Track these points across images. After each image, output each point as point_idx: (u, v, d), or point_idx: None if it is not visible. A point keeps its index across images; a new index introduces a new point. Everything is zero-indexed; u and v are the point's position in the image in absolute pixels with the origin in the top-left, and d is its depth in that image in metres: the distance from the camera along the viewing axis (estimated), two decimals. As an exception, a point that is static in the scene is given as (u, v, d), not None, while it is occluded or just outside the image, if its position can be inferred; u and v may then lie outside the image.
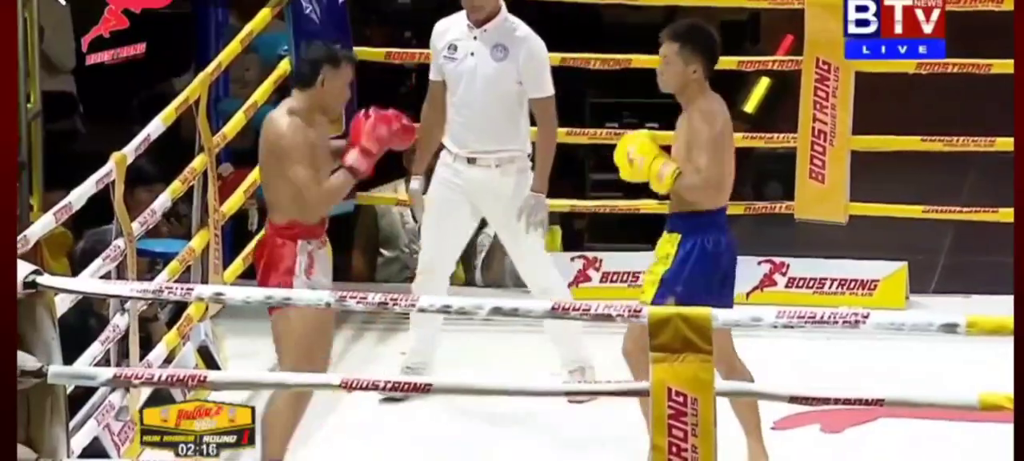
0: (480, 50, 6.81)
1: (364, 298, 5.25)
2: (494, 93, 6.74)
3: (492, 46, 6.80)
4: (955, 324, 5.07)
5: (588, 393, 5.56)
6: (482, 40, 6.82)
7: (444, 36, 6.92)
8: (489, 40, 6.81)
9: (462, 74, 6.84)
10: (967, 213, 8.03)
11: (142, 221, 6.87)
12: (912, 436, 6.64)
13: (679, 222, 6.07)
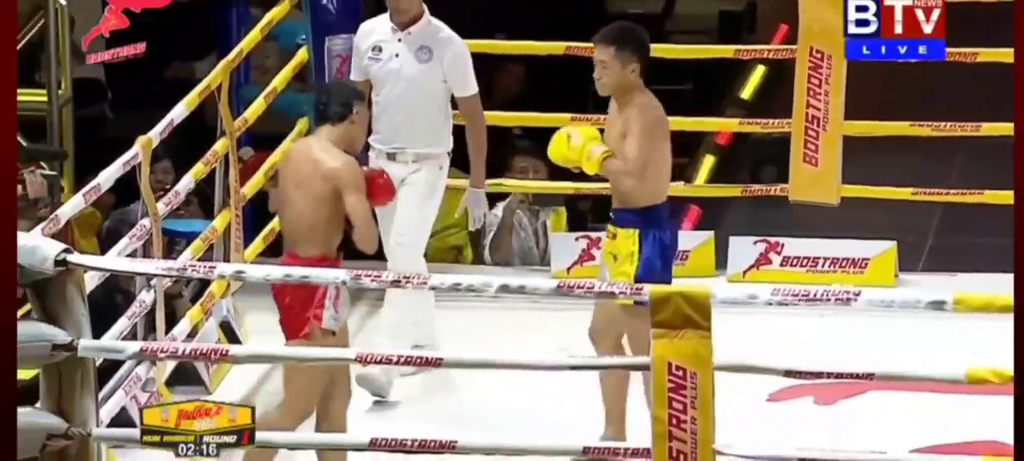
0: (404, 52, 6.81)
1: (378, 276, 5.27)
2: (418, 93, 6.75)
3: (417, 48, 6.81)
4: (942, 301, 5.09)
5: (591, 367, 5.57)
6: (406, 42, 6.81)
7: (369, 37, 6.90)
8: (413, 42, 6.81)
9: (387, 75, 6.84)
10: (954, 195, 8.04)
11: (166, 202, 6.89)
12: (901, 408, 6.65)
13: (632, 217, 6.12)
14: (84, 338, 5.21)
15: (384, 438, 5.23)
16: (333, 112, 5.87)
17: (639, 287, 5.16)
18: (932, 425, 6.52)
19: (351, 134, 5.89)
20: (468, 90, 6.87)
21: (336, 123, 5.86)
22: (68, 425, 5.21)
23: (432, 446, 5.29)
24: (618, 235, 6.14)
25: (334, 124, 5.87)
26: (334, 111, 5.87)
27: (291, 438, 6.01)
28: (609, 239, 6.19)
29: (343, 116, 5.86)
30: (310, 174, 5.81)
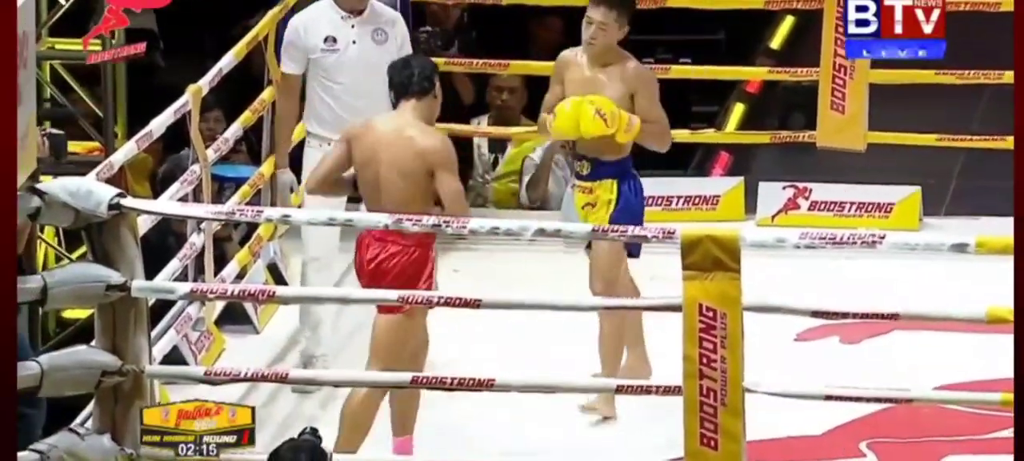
0: (361, 37, 6.61)
1: (420, 220, 5.27)
2: (378, 76, 6.35)
3: (372, 31, 6.62)
4: (965, 244, 5.07)
5: (620, 307, 5.56)
6: (360, 28, 6.62)
7: (315, 28, 6.63)
8: (367, 26, 6.63)
9: (344, 63, 6.60)
10: (977, 141, 7.99)
11: (216, 149, 6.90)
12: (924, 347, 6.64)
13: (610, 168, 6.12)
14: (137, 279, 5.24)
15: (425, 376, 5.24)
16: (418, 87, 5.65)
17: (671, 230, 5.15)
18: (955, 364, 6.51)
19: (433, 109, 5.69)
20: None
21: (421, 97, 5.65)
22: (122, 362, 5.24)
23: (470, 384, 5.31)
24: (595, 187, 6.14)
25: (420, 98, 5.65)
26: (420, 86, 5.65)
27: (338, 376, 6.04)
28: (584, 193, 6.15)
29: (427, 90, 5.66)
30: (407, 156, 5.58)
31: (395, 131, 5.62)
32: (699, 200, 8.00)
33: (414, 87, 5.65)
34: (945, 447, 6.06)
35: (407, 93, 5.65)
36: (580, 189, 6.17)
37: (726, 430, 5.03)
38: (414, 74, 5.66)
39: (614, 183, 6.13)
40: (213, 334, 6.83)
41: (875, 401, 5.66)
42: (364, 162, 5.65)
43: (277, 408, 6.39)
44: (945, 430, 6.14)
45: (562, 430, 6.11)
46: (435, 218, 5.29)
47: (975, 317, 5.14)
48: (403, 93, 5.67)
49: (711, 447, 5.04)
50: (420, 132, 5.59)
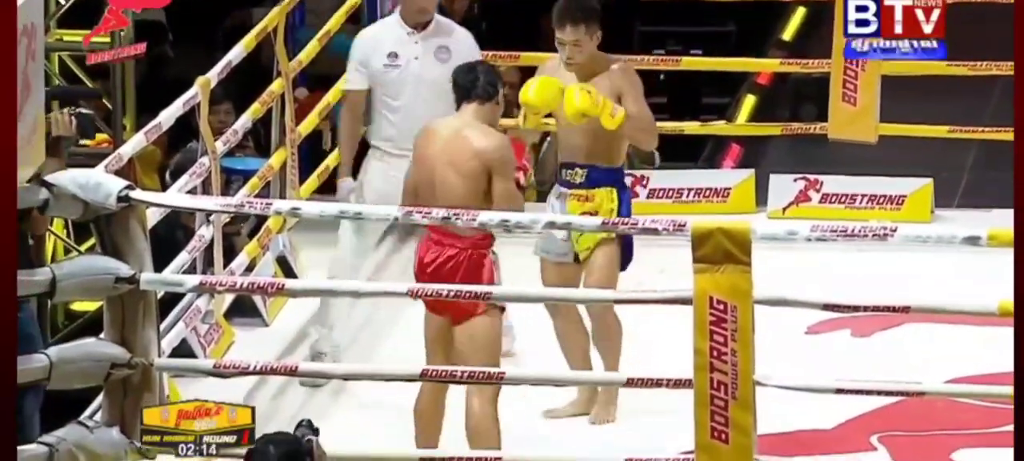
0: (423, 54, 6.54)
1: (429, 212, 5.27)
2: (440, 93, 6.32)
3: (435, 48, 6.55)
4: (977, 237, 5.06)
5: (633, 301, 5.53)
6: (423, 44, 6.56)
7: (378, 45, 6.59)
8: (430, 43, 6.56)
9: (406, 79, 6.55)
10: (989, 133, 7.98)
11: (225, 141, 6.91)
12: (936, 340, 6.63)
13: (609, 176, 6.06)
14: (146, 271, 5.24)
15: (434, 369, 5.24)
16: (483, 91, 5.60)
17: (681, 222, 5.14)
18: (966, 356, 6.50)
19: (496, 114, 5.64)
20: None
21: (484, 102, 5.60)
22: (131, 355, 5.23)
23: (480, 377, 5.31)
24: (594, 195, 6.06)
25: (482, 103, 5.60)
26: (484, 90, 5.60)
27: (347, 369, 6.03)
28: (580, 201, 6.06)
29: (491, 96, 5.61)
30: (466, 155, 5.53)
31: (454, 131, 5.58)
32: (710, 192, 8.00)
33: (478, 91, 5.61)
34: (956, 440, 6.05)
35: (470, 96, 5.62)
36: (574, 198, 6.08)
37: (737, 423, 5.02)
38: (479, 78, 5.62)
39: (614, 191, 6.07)
40: (222, 327, 6.83)
41: (886, 394, 5.65)
42: (421, 160, 5.62)
43: (286, 402, 6.39)
44: (956, 423, 6.14)
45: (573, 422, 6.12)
46: (444, 211, 5.28)
47: (986, 310, 5.13)
48: (466, 96, 5.62)
49: (722, 440, 5.03)
50: (479, 133, 5.55)
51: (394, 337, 6.86)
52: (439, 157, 5.57)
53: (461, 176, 5.53)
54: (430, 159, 5.59)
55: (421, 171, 5.60)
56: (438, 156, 5.57)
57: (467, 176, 5.53)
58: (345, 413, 6.03)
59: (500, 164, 5.53)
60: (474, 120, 5.59)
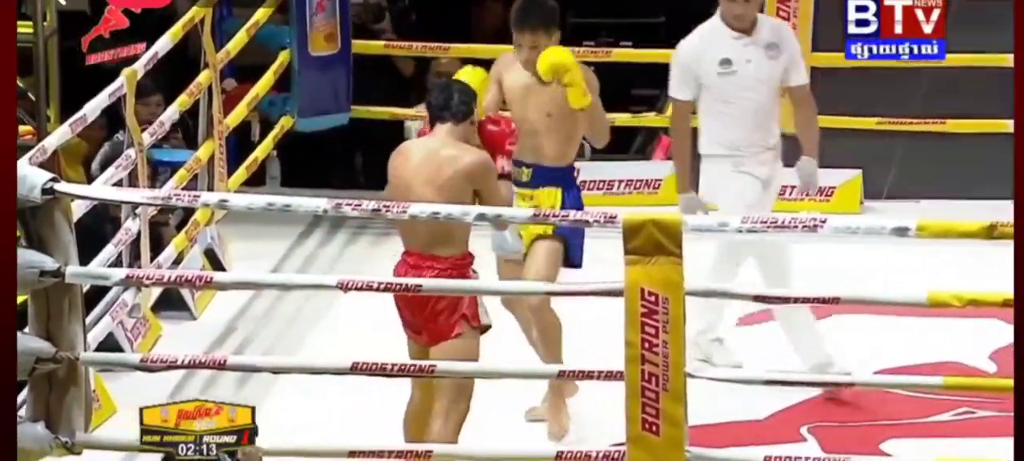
0: (755, 55, 6.39)
1: (359, 205, 5.25)
2: (770, 90, 6.32)
3: (765, 46, 6.39)
4: (906, 228, 5.09)
5: (564, 293, 5.50)
6: (754, 45, 6.40)
7: (708, 54, 6.41)
8: (760, 42, 6.40)
9: (741, 83, 6.39)
10: (917, 124, 8.03)
11: (151, 132, 6.86)
12: (865, 330, 6.67)
13: (555, 176, 5.99)
14: (72, 265, 5.19)
15: (366, 362, 5.23)
16: (458, 110, 5.50)
17: (612, 215, 5.15)
18: (895, 347, 6.54)
19: (469, 133, 5.55)
20: (805, 78, 6.49)
21: (459, 121, 5.51)
22: (56, 349, 5.19)
23: (412, 370, 5.29)
24: (537, 195, 6.00)
25: (457, 123, 5.50)
26: (459, 109, 5.50)
27: (276, 362, 6.00)
28: (525, 200, 5.99)
29: (466, 115, 5.52)
30: (445, 172, 5.42)
31: (430, 151, 5.49)
32: (640, 184, 8.01)
33: (453, 110, 5.52)
34: (886, 431, 6.09)
35: (443, 116, 5.53)
36: (520, 196, 6.02)
37: (668, 415, 5.03)
38: (454, 97, 5.53)
39: (558, 191, 6.02)
40: (149, 321, 6.79)
41: (816, 385, 5.69)
42: (397, 181, 5.52)
43: (215, 396, 6.33)
44: (886, 414, 6.18)
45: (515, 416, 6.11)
46: (374, 203, 5.26)
47: (916, 301, 5.17)
48: (439, 115, 5.53)
49: (653, 432, 5.04)
50: (461, 151, 5.47)
51: (322, 330, 6.83)
52: (415, 177, 5.46)
53: (442, 194, 5.41)
54: (406, 179, 5.48)
55: (396, 192, 5.50)
56: (414, 176, 5.46)
57: (448, 194, 5.42)
58: (276, 405, 6.00)
59: (485, 176, 5.45)
60: (449, 139, 5.50)
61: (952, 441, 5.92)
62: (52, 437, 5.18)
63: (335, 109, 8.08)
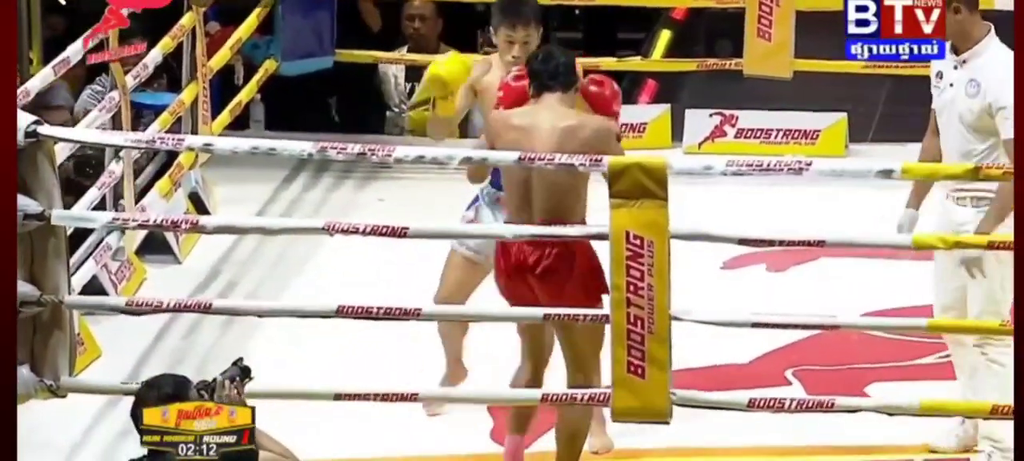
0: (958, 82, 5.57)
1: (344, 148, 5.24)
2: (960, 130, 5.56)
3: (967, 81, 5.56)
4: (891, 170, 5.10)
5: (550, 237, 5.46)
6: (960, 72, 5.57)
7: (937, 60, 5.65)
8: (966, 74, 5.56)
9: (943, 106, 5.64)
10: (902, 68, 8.02)
11: (135, 75, 6.83)
12: (850, 274, 6.69)
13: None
14: (56, 208, 5.18)
15: (351, 306, 5.23)
16: (567, 78, 5.38)
17: (598, 158, 5.14)
18: (880, 290, 6.56)
19: (575, 100, 5.43)
20: (1009, 134, 5.44)
21: (567, 89, 5.39)
22: (40, 292, 5.19)
23: (397, 313, 5.30)
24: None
25: (565, 91, 5.38)
26: (568, 78, 5.38)
27: (261, 306, 6.01)
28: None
29: (575, 82, 5.42)
30: (573, 142, 5.27)
31: (553, 123, 5.34)
32: (626, 128, 8.00)
33: (562, 78, 5.39)
34: (870, 374, 6.12)
35: (553, 86, 5.38)
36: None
37: (653, 358, 5.05)
38: (561, 65, 5.40)
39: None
40: (133, 264, 6.78)
41: (801, 328, 5.71)
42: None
43: (199, 339, 6.36)
44: (870, 357, 6.20)
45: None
46: (359, 146, 5.25)
47: (901, 243, 5.18)
48: (549, 85, 5.38)
49: (638, 375, 5.06)
50: (583, 118, 5.37)
51: (307, 274, 6.84)
52: (543, 150, 5.27)
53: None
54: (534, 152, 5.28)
55: (514, 169, 5.32)
56: (541, 149, 5.27)
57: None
58: (259, 347, 6.01)
59: (610, 141, 5.33)
60: (563, 108, 5.38)
61: (936, 383, 5.95)
62: (37, 380, 5.18)
63: (319, 52, 8.06)
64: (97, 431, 5.77)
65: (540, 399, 5.30)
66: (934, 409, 5.21)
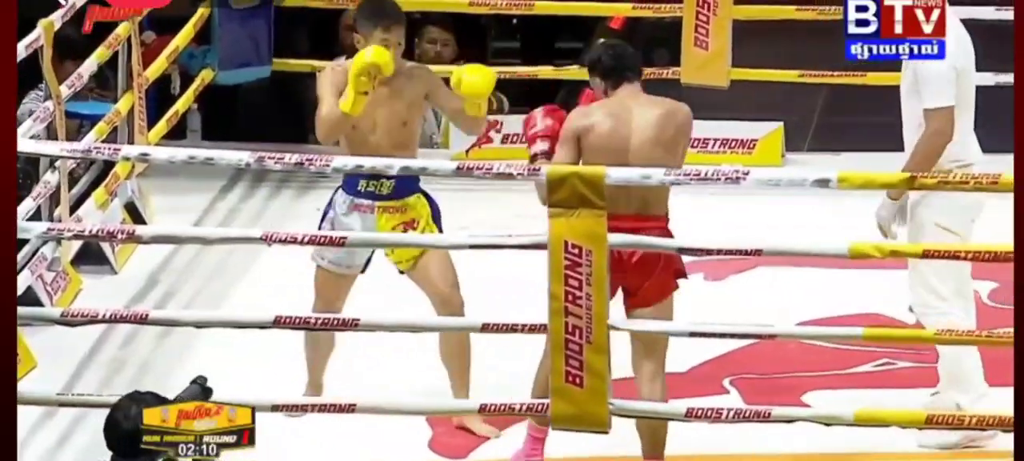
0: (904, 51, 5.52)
1: (282, 158, 5.24)
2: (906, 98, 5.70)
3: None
4: (827, 180, 5.14)
5: (489, 247, 5.50)
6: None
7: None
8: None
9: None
10: (839, 77, 8.10)
11: (70, 84, 6.80)
12: (788, 283, 6.73)
13: (415, 181, 5.77)
14: (-10, 219, 5.14)
15: (289, 316, 5.23)
16: (635, 72, 5.48)
17: (536, 167, 5.16)
18: (817, 298, 6.61)
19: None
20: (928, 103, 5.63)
21: (635, 80, 5.48)
22: (-25, 304, 5.14)
23: (334, 324, 5.30)
24: (407, 205, 5.75)
25: (635, 82, 5.48)
26: (636, 71, 5.48)
27: (198, 316, 5.99)
28: (392, 213, 5.73)
29: (641, 74, 5.52)
30: (669, 130, 5.40)
31: (644, 113, 5.41)
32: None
33: (632, 73, 5.50)
34: (807, 382, 6.16)
35: (630, 76, 5.47)
36: (384, 211, 5.75)
37: (591, 367, 5.07)
38: (633, 60, 5.52)
39: (422, 195, 5.79)
40: (69, 275, 6.75)
41: (739, 337, 5.74)
42: (613, 148, 5.38)
43: (136, 350, 6.34)
44: (807, 365, 6.24)
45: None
46: (297, 156, 5.24)
47: (837, 253, 5.22)
48: (627, 76, 5.46)
49: (576, 384, 5.08)
50: (668, 105, 5.47)
51: (245, 285, 6.82)
52: (641, 140, 5.37)
53: (670, 152, 5.39)
54: (624, 145, 5.37)
55: (610, 157, 5.34)
56: (640, 139, 5.37)
57: (674, 149, 5.41)
58: (195, 362, 5.99)
59: (691, 127, 5.50)
60: (645, 97, 5.48)
61: (873, 392, 6.00)
62: (-28, 392, 5.14)
63: (256, 62, 8.05)
64: (33, 443, 5.74)
65: (478, 410, 5.31)
66: (869, 420, 5.25)
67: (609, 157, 5.33)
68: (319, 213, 5.92)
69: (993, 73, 7.32)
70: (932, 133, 5.58)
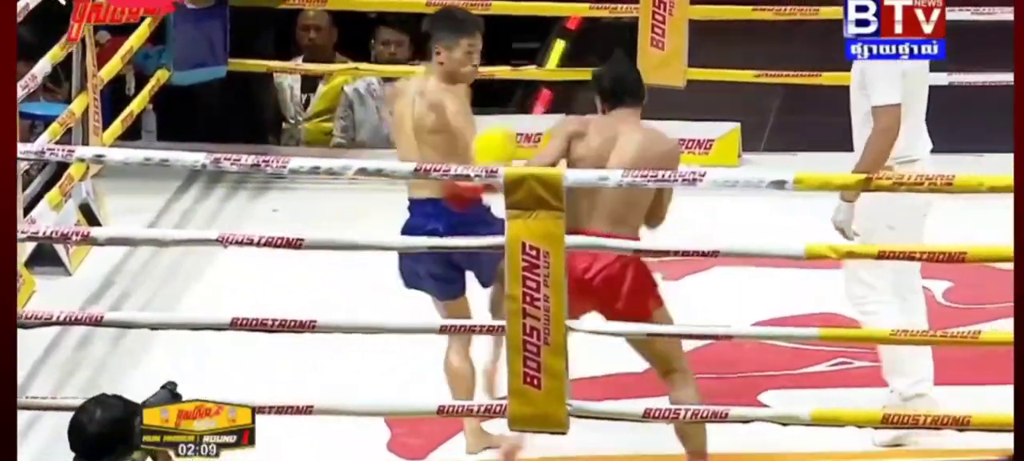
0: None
1: (238, 159, 5.23)
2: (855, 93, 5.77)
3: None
4: (784, 181, 5.16)
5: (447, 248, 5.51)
6: None
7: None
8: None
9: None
10: (794, 77, 8.13)
11: (23, 85, 6.77)
12: (744, 283, 6.76)
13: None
14: (-57, 221, 5.12)
15: (245, 318, 5.22)
16: (635, 98, 5.53)
17: (493, 169, 5.17)
18: (773, 299, 6.64)
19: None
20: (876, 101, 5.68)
21: (632, 106, 5.53)
22: (-72, 309, 5.12)
23: (292, 325, 5.29)
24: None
25: (632, 107, 5.52)
26: (636, 97, 5.54)
27: (154, 318, 5.97)
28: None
29: (643, 99, 5.57)
30: (644, 157, 5.43)
31: (641, 142, 5.48)
32: (521, 138, 8.03)
33: (639, 97, 5.56)
34: (764, 382, 6.18)
35: (630, 100, 5.53)
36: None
37: (549, 369, 5.08)
38: (639, 83, 5.56)
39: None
40: (22, 277, 6.71)
41: (696, 337, 5.76)
42: (591, 160, 5.44)
43: (90, 352, 6.31)
44: (763, 366, 6.27)
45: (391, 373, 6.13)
46: (253, 158, 5.24)
47: (793, 253, 5.25)
48: (626, 100, 5.52)
49: (534, 385, 5.09)
50: (660, 136, 5.53)
51: (200, 286, 6.80)
52: (633, 164, 5.41)
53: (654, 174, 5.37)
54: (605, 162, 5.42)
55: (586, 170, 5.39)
56: (633, 163, 5.41)
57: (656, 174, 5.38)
58: (152, 363, 5.98)
59: (678, 158, 5.54)
60: (637, 121, 5.53)
61: (828, 391, 6.03)
62: (-75, 396, 5.11)
63: (212, 62, 8.02)
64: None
65: (437, 411, 5.31)
66: (826, 419, 5.27)
67: (586, 165, 5.36)
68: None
69: (946, 73, 7.37)
70: (880, 131, 5.64)
